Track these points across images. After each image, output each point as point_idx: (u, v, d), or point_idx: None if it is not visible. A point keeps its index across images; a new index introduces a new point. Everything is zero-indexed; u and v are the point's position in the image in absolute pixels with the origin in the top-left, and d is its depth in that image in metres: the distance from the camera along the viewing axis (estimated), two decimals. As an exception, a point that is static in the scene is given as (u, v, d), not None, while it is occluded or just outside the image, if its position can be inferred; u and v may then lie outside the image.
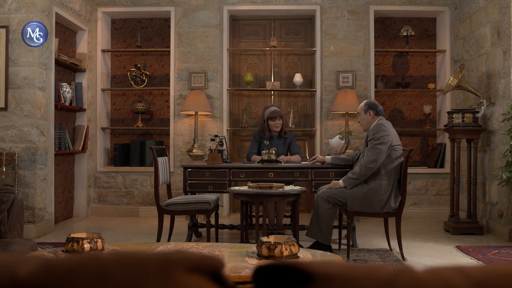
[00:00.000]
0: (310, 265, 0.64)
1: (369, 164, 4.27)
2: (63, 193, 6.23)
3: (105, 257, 0.64)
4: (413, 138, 6.89)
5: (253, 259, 2.15)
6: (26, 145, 5.23)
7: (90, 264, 0.63)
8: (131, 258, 0.64)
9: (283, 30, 6.99)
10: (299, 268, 0.64)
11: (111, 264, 0.63)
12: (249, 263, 2.11)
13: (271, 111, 5.33)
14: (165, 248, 2.31)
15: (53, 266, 0.63)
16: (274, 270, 0.68)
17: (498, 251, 4.63)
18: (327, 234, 4.39)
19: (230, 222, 5.82)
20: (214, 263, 0.67)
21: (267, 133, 5.36)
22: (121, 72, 7.07)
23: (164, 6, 6.67)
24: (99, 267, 0.63)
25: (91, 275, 0.62)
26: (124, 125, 7.04)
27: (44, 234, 5.37)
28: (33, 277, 0.63)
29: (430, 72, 6.95)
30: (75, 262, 0.63)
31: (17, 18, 5.24)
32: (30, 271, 0.63)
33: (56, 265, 0.63)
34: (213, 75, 6.62)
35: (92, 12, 6.69)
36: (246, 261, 2.15)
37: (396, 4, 6.57)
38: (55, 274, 0.63)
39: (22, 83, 5.23)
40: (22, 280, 0.63)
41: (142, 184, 6.70)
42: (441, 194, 6.58)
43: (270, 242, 2.04)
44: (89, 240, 2.14)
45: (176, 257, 0.65)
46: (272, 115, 5.31)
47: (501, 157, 5.22)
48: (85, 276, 0.62)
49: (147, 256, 0.64)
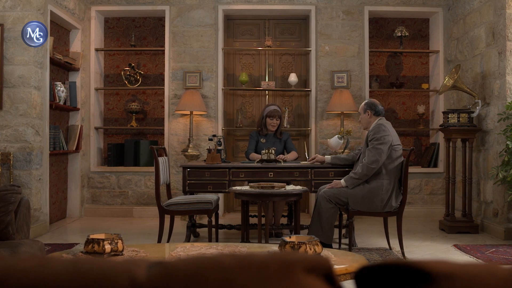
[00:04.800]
0: (430, 264, 0.64)
1: (371, 164, 4.30)
2: (57, 193, 6.16)
3: (224, 261, 0.63)
4: (407, 138, 6.94)
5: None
6: (21, 145, 5.15)
7: (211, 268, 0.62)
8: (251, 261, 0.63)
9: (277, 30, 7.00)
10: (419, 267, 0.64)
11: (232, 268, 0.62)
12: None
13: (271, 110, 5.35)
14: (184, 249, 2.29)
15: (173, 270, 0.62)
16: (388, 269, 0.67)
17: (496, 249, 4.70)
18: (328, 233, 4.41)
19: (226, 222, 5.80)
20: (327, 263, 0.67)
21: (264, 129, 5.38)
22: (114, 71, 7.01)
23: (158, 5, 6.63)
24: (221, 272, 0.62)
25: (213, 280, 0.61)
26: (118, 124, 6.98)
27: (39, 235, 5.30)
28: (153, 281, 0.62)
29: (423, 72, 7.02)
30: (196, 266, 0.62)
31: (12, 16, 5.16)
32: (150, 275, 0.62)
33: (176, 269, 0.62)
34: (208, 74, 6.60)
35: (85, 11, 6.62)
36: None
37: (390, 4, 6.62)
38: (176, 279, 0.62)
39: (17, 82, 5.15)
40: (141, 284, 0.62)
41: (137, 184, 6.65)
42: (435, 193, 6.64)
43: (294, 242, 2.04)
44: (110, 241, 2.11)
45: (294, 258, 0.64)
46: (272, 113, 5.33)
47: (496, 156, 5.29)
48: (207, 280, 0.61)
49: (266, 258, 0.64)
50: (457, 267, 0.63)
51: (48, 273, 0.63)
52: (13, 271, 0.65)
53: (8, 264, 0.66)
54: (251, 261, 0.63)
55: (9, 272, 0.64)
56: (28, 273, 0.63)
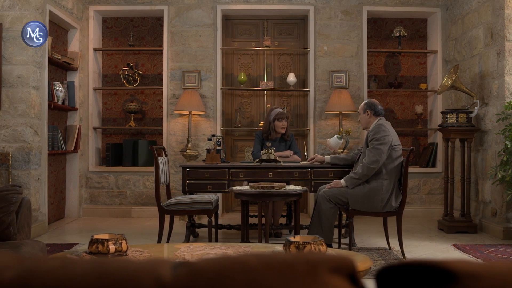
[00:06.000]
0: (454, 264, 0.64)
1: (371, 164, 4.30)
2: (55, 193, 6.14)
3: (250, 261, 0.63)
4: (405, 138, 6.96)
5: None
6: (20, 145, 5.13)
7: (237, 269, 0.62)
8: (276, 261, 0.63)
9: (276, 30, 7.00)
10: (444, 267, 0.64)
11: (258, 268, 0.62)
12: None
13: (279, 112, 5.33)
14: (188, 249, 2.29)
15: (198, 271, 0.62)
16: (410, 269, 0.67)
17: (495, 249, 4.71)
18: (328, 233, 4.41)
19: (224, 222, 5.80)
20: (350, 263, 0.67)
21: (273, 133, 5.36)
22: (112, 71, 6.99)
23: (157, 5, 6.62)
24: (246, 272, 0.61)
25: (239, 281, 0.61)
26: (116, 124, 6.97)
27: (38, 236, 5.28)
28: (179, 282, 0.61)
29: (421, 72, 7.04)
30: (221, 266, 0.62)
31: (10, 15, 5.15)
32: (175, 275, 0.62)
33: (201, 270, 0.62)
34: (207, 74, 6.60)
35: (84, 10, 6.60)
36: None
37: (388, 5, 6.63)
38: (202, 279, 0.61)
39: (16, 82, 5.13)
40: (168, 284, 0.61)
41: (135, 184, 6.63)
42: (433, 193, 6.66)
43: (299, 242, 2.04)
44: (114, 241, 2.11)
45: (319, 258, 0.64)
46: (280, 116, 5.31)
47: (494, 156, 5.31)
48: (233, 281, 0.61)
49: (292, 258, 0.64)
50: (482, 266, 0.64)
51: (72, 274, 0.63)
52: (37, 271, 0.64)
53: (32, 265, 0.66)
54: (276, 262, 0.63)
55: (33, 273, 0.64)
56: (53, 273, 0.63)
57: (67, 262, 0.65)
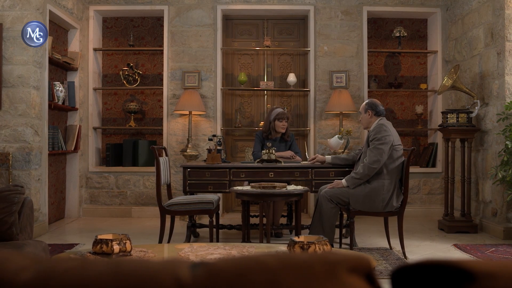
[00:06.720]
0: (471, 263, 0.64)
1: (372, 164, 4.30)
2: (55, 193, 6.13)
3: (268, 261, 0.63)
4: (405, 138, 6.96)
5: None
6: (20, 145, 5.13)
7: (256, 269, 0.62)
8: (295, 261, 0.63)
9: (276, 30, 7.00)
10: (462, 266, 0.64)
11: (277, 268, 0.62)
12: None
13: (279, 112, 5.33)
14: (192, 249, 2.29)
15: (217, 271, 0.62)
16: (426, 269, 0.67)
17: (495, 249, 4.72)
18: (330, 233, 4.41)
19: (225, 222, 5.79)
20: (367, 263, 0.67)
21: (274, 133, 5.36)
22: (112, 71, 6.99)
23: (157, 5, 6.61)
24: (265, 273, 0.61)
25: (258, 281, 0.61)
26: (116, 124, 6.96)
27: (38, 236, 5.27)
28: (198, 282, 0.61)
29: (421, 72, 7.04)
30: (240, 267, 0.62)
31: (11, 15, 5.14)
32: (194, 276, 0.62)
33: (220, 270, 0.62)
34: (207, 74, 6.60)
35: (84, 10, 6.60)
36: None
37: (388, 5, 6.64)
38: (221, 279, 0.61)
39: (16, 82, 5.13)
40: (187, 284, 0.61)
41: (135, 184, 6.63)
42: (433, 193, 6.66)
43: (303, 242, 2.04)
44: (118, 241, 2.10)
45: (337, 258, 0.64)
46: (280, 116, 5.31)
47: (495, 156, 5.31)
48: (252, 281, 0.61)
49: (309, 258, 0.64)
50: (499, 266, 0.64)
51: (90, 274, 0.63)
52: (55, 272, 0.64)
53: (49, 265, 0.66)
54: (294, 262, 0.63)
55: (51, 274, 0.64)
56: (70, 274, 0.63)
57: (85, 263, 0.65)
